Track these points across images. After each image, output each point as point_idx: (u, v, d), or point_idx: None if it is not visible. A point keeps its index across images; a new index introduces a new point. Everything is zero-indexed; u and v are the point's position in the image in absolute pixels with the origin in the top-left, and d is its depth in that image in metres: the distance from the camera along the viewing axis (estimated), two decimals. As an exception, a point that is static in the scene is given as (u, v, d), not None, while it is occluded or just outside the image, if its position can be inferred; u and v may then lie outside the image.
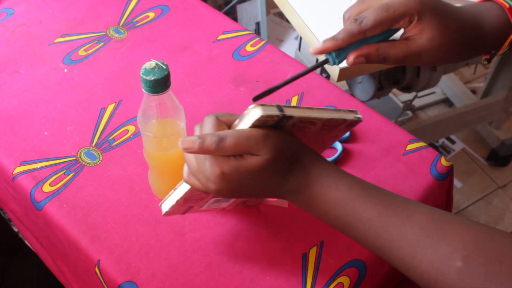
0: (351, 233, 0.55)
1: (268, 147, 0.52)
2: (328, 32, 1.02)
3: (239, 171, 0.53)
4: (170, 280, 0.69)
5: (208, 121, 0.55)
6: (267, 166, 0.53)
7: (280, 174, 0.54)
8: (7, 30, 1.00)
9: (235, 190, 0.55)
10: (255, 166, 0.53)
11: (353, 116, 0.61)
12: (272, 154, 0.52)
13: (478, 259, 0.48)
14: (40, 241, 0.89)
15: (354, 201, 0.53)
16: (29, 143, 0.83)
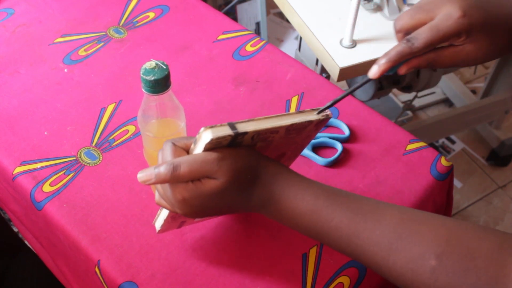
0: (324, 241, 0.55)
1: (223, 170, 0.52)
2: (328, 32, 1.02)
3: (199, 195, 0.53)
4: (170, 280, 0.69)
5: (166, 148, 0.56)
6: (226, 188, 0.53)
7: (241, 193, 0.54)
8: (7, 30, 1.00)
9: (200, 212, 0.55)
10: (213, 189, 0.53)
11: (317, 116, 0.59)
12: (228, 176, 0.53)
13: (451, 256, 0.48)
14: (40, 241, 0.89)
15: (322, 210, 0.54)
16: (29, 143, 0.83)
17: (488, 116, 1.76)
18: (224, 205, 0.55)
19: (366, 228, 0.52)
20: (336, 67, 0.97)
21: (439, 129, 1.71)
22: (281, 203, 0.55)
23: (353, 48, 1.00)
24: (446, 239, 0.49)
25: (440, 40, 0.54)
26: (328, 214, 0.53)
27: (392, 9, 1.06)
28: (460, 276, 0.47)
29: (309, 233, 0.56)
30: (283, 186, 0.55)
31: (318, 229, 0.54)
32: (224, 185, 0.53)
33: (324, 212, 0.53)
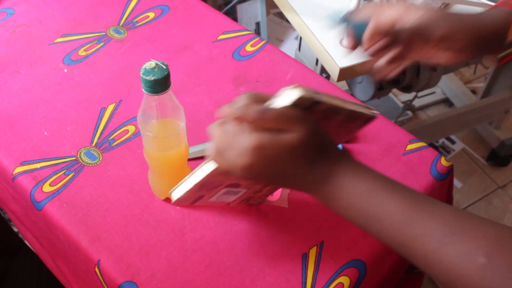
0: (373, 227, 0.54)
1: (304, 127, 0.53)
2: (328, 32, 1.02)
3: (275, 144, 0.53)
4: (170, 280, 0.69)
5: (243, 97, 0.55)
6: (300, 145, 0.53)
7: (308, 158, 0.54)
8: (7, 30, 1.00)
9: (266, 166, 0.54)
10: (289, 143, 0.53)
11: (370, 112, 0.64)
12: (306, 134, 0.53)
13: (501, 256, 0.48)
14: (40, 241, 0.89)
15: (379, 192, 0.53)
16: (29, 143, 0.83)
17: (488, 116, 1.76)
18: (289, 165, 0.54)
19: (420, 217, 0.52)
20: (336, 67, 0.97)
21: (439, 129, 1.71)
22: (340, 180, 0.55)
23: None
24: (496, 239, 0.49)
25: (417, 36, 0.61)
26: (385, 196, 0.53)
27: (392, 9, 1.05)
28: (509, 277, 0.47)
29: (359, 216, 0.55)
30: (347, 165, 0.55)
31: (371, 212, 0.54)
32: (300, 142, 0.53)
33: (381, 194, 0.53)
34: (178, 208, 0.76)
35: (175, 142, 0.69)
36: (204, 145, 0.83)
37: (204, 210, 0.76)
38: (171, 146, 0.69)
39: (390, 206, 0.53)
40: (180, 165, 0.74)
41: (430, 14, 0.61)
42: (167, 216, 0.75)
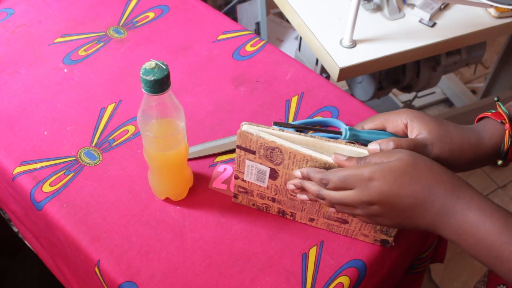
0: (501, 266, 0.53)
1: (403, 153, 0.58)
2: (328, 32, 1.02)
3: (384, 171, 0.56)
4: (170, 280, 0.69)
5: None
6: (407, 165, 0.56)
7: (422, 177, 0.55)
8: (7, 30, 1.00)
9: (389, 191, 0.56)
10: (396, 166, 0.56)
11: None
12: (408, 156, 0.57)
13: None
14: (40, 241, 0.89)
15: (511, 231, 0.52)
16: (29, 143, 0.83)
17: (488, 116, 1.76)
18: (408, 187, 0.55)
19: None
20: (336, 67, 0.97)
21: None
22: (467, 216, 0.54)
23: (353, 48, 1.00)
24: None
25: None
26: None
27: (392, 9, 1.06)
28: None
29: (489, 255, 0.53)
30: (470, 196, 0.55)
31: (502, 251, 0.52)
32: (407, 162, 0.56)
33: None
34: (178, 208, 0.76)
35: (175, 142, 0.69)
36: (204, 145, 0.83)
37: (204, 210, 0.76)
38: (171, 146, 0.69)
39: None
40: (180, 165, 0.74)
41: (432, 131, 0.62)
42: (167, 216, 0.75)
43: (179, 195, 0.77)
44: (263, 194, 0.72)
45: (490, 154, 0.63)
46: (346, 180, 0.58)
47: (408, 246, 0.77)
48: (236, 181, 0.72)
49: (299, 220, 0.75)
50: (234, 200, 0.76)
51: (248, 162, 0.68)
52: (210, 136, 0.85)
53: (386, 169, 0.56)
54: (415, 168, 0.56)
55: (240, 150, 0.67)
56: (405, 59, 1.03)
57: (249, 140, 0.64)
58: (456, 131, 0.62)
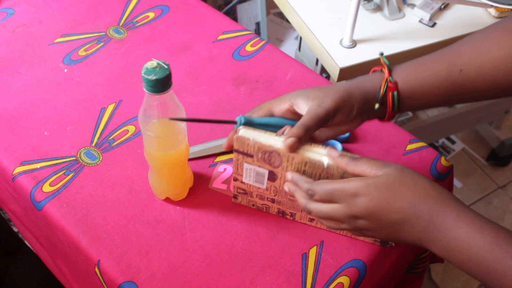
0: (495, 281, 0.52)
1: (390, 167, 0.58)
2: (328, 32, 1.02)
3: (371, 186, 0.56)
4: (170, 280, 0.69)
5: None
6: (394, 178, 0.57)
7: (409, 190, 0.55)
8: (7, 30, 1.00)
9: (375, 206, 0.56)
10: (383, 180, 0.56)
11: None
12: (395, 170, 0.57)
13: None
14: (40, 241, 0.89)
15: (502, 246, 0.51)
16: (29, 143, 0.83)
17: (488, 116, 1.76)
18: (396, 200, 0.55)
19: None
20: (336, 67, 0.97)
21: (439, 129, 1.71)
22: (457, 232, 0.53)
23: (353, 48, 1.00)
24: None
25: (320, 124, 0.63)
26: (508, 250, 0.51)
27: (392, 9, 1.06)
28: None
29: (481, 272, 0.53)
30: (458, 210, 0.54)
31: (493, 267, 0.52)
32: (394, 176, 0.56)
33: (504, 248, 0.51)
34: (178, 208, 0.76)
35: (176, 142, 0.69)
36: (204, 145, 0.83)
37: (204, 210, 0.76)
38: (172, 146, 0.69)
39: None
40: (180, 165, 0.74)
41: (317, 94, 0.63)
42: (167, 216, 0.75)
43: (179, 195, 0.77)
44: (262, 195, 0.72)
45: (372, 98, 0.65)
46: (332, 193, 0.58)
47: (408, 246, 0.77)
48: (235, 183, 0.72)
49: (299, 220, 0.75)
50: (234, 201, 0.76)
51: (246, 165, 0.68)
52: (210, 136, 0.85)
53: (371, 185, 0.56)
54: (400, 184, 0.56)
55: (237, 154, 0.67)
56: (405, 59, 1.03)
57: (246, 145, 0.65)
58: (339, 87, 0.64)
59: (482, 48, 0.62)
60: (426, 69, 0.65)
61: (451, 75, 0.63)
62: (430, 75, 0.64)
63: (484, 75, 0.62)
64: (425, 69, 0.65)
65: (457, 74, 0.63)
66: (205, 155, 0.82)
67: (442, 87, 0.64)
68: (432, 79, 0.64)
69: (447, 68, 0.64)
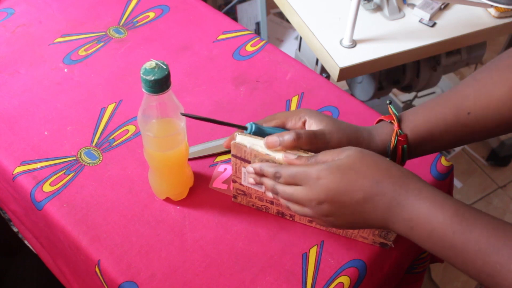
0: (456, 258, 0.53)
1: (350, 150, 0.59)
2: (328, 32, 1.02)
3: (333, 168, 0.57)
4: (170, 280, 0.69)
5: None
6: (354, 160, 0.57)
7: (370, 170, 0.56)
8: (7, 30, 1.00)
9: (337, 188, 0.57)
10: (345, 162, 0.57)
11: None
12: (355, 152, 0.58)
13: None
14: (40, 241, 0.89)
15: (462, 221, 0.52)
16: (29, 143, 0.83)
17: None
18: (357, 180, 0.56)
19: (507, 244, 0.50)
20: (336, 67, 0.97)
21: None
22: (419, 209, 0.54)
23: (353, 48, 1.00)
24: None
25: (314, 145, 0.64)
26: (468, 225, 0.52)
27: (392, 9, 1.06)
28: None
29: (441, 246, 0.53)
30: (419, 188, 0.55)
31: (455, 241, 0.52)
32: (354, 157, 0.57)
33: (465, 222, 0.52)
34: (178, 208, 0.76)
35: (175, 142, 0.69)
36: (204, 145, 0.83)
37: (204, 210, 0.76)
38: (171, 146, 0.69)
39: (474, 234, 0.51)
40: (180, 165, 0.74)
41: (328, 124, 0.64)
42: (167, 216, 0.75)
43: (179, 195, 0.77)
44: (261, 197, 0.72)
45: (381, 152, 0.65)
46: (295, 175, 0.59)
47: (408, 246, 0.77)
48: (235, 184, 0.72)
49: (299, 221, 0.75)
50: (234, 200, 0.76)
51: (244, 170, 0.68)
52: (210, 136, 0.85)
53: (333, 167, 0.57)
54: (362, 164, 0.57)
55: (235, 159, 0.67)
56: (405, 59, 1.03)
57: (243, 151, 0.65)
58: (349, 127, 0.65)
59: (486, 86, 0.63)
60: (434, 116, 0.65)
61: (459, 119, 0.64)
62: (438, 121, 0.65)
63: (491, 114, 0.63)
64: (433, 116, 0.65)
65: (465, 118, 0.64)
66: (205, 155, 0.82)
67: (451, 132, 0.65)
68: (441, 125, 0.64)
69: (455, 112, 0.64)
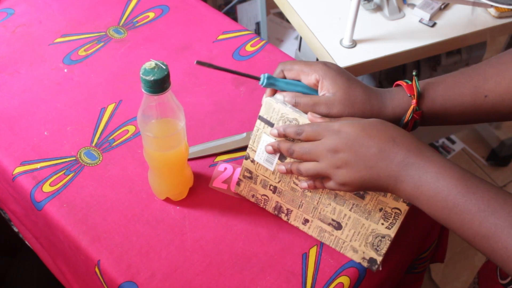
0: (456, 218, 0.55)
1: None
2: (328, 32, 1.02)
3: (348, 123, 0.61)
4: (170, 280, 0.69)
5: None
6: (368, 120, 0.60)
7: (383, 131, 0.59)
8: (7, 30, 1.00)
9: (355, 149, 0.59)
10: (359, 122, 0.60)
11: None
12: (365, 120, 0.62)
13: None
14: (40, 241, 0.89)
15: (466, 185, 0.54)
16: (29, 143, 0.83)
17: (488, 116, 1.76)
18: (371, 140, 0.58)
19: (504, 208, 0.52)
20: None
21: (439, 129, 1.71)
22: (426, 171, 0.56)
23: (353, 48, 1.00)
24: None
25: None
26: (472, 186, 0.54)
27: (392, 9, 1.06)
28: None
29: (443, 206, 0.55)
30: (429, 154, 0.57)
31: (457, 201, 0.54)
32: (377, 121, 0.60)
33: (469, 183, 0.55)
34: (178, 208, 0.76)
35: (175, 142, 0.69)
36: (204, 145, 0.83)
37: (204, 210, 0.76)
38: (171, 146, 0.69)
39: (476, 195, 0.54)
40: (180, 165, 0.74)
41: (337, 92, 0.65)
42: (167, 216, 0.75)
43: (179, 195, 0.77)
44: (266, 181, 0.72)
45: (390, 120, 0.65)
46: (317, 129, 0.62)
47: (408, 246, 0.77)
48: (245, 162, 0.72)
49: (293, 222, 0.74)
50: (236, 189, 0.76)
51: (264, 137, 0.68)
52: (210, 136, 0.85)
53: (355, 122, 0.60)
54: (382, 124, 0.60)
55: (260, 122, 0.68)
56: (405, 59, 1.03)
57: (272, 110, 0.66)
58: (361, 95, 0.65)
59: (508, 72, 0.63)
60: (453, 95, 0.65)
61: (476, 100, 0.65)
62: (456, 102, 0.65)
63: (508, 101, 0.63)
64: (452, 95, 0.65)
65: (481, 100, 0.64)
66: (205, 155, 0.82)
67: (465, 112, 0.66)
68: (458, 105, 0.65)
69: (472, 94, 0.65)
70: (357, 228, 0.69)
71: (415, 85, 0.65)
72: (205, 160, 0.82)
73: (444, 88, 0.66)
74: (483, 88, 0.64)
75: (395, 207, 0.65)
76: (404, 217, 0.66)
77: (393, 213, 0.66)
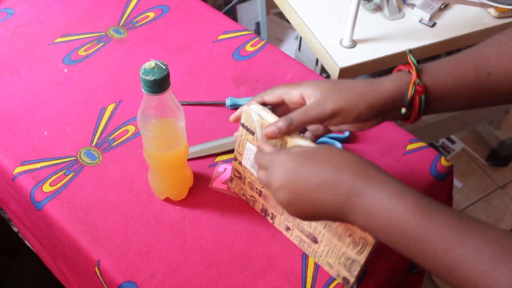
0: (416, 249, 0.51)
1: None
2: (328, 32, 1.02)
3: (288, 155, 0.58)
4: (170, 280, 0.69)
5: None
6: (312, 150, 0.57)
7: (329, 161, 0.55)
8: (7, 30, 1.00)
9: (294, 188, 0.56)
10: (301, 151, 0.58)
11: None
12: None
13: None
14: (40, 241, 0.89)
15: (423, 211, 0.50)
16: (29, 143, 0.83)
17: (488, 116, 1.76)
18: (314, 172, 0.55)
19: (469, 236, 0.48)
20: (336, 67, 0.97)
21: (439, 129, 1.71)
22: (377, 199, 0.52)
23: (353, 48, 1.00)
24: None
25: (309, 122, 0.63)
26: (430, 216, 0.50)
27: (392, 9, 1.06)
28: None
29: (401, 237, 0.51)
30: (379, 178, 0.54)
31: (415, 232, 0.50)
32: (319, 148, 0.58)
33: (426, 213, 0.50)
34: (178, 208, 0.76)
35: (175, 142, 0.69)
36: (204, 145, 0.83)
37: (204, 210, 0.76)
38: (171, 146, 0.69)
39: (436, 225, 0.49)
40: (180, 165, 0.74)
41: (324, 89, 0.63)
42: (167, 216, 0.75)
43: (179, 195, 0.77)
44: (253, 184, 0.72)
45: (392, 100, 0.63)
46: (261, 159, 0.61)
47: (408, 246, 0.77)
48: (234, 163, 0.73)
49: (277, 227, 0.74)
50: (230, 185, 0.76)
51: (248, 145, 0.68)
52: (210, 136, 0.85)
53: (294, 154, 0.57)
54: (327, 150, 0.57)
55: (243, 129, 0.67)
56: (405, 59, 1.03)
57: (250, 119, 0.65)
58: (349, 82, 0.63)
59: (509, 51, 0.61)
60: (455, 72, 0.63)
61: (479, 78, 0.62)
62: (458, 79, 0.63)
63: (511, 80, 0.61)
64: (454, 72, 0.63)
65: (485, 78, 0.62)
66: (205, 155, 0.82)
67: (470, 90, 0.63)
68: (461, 82, 0.63)
69: (475, 71, 0.62)
70: (330, 247, 0.67)
71: (410, 59, 0.63)
72: (205, 160, 0.82)
73: (446, 66, 0.64)
74: (485, 66, 0.62)
75: (362, 237, 0.61)
76: (372, 248, 0.61)
77: (361, 242, 0.62)
